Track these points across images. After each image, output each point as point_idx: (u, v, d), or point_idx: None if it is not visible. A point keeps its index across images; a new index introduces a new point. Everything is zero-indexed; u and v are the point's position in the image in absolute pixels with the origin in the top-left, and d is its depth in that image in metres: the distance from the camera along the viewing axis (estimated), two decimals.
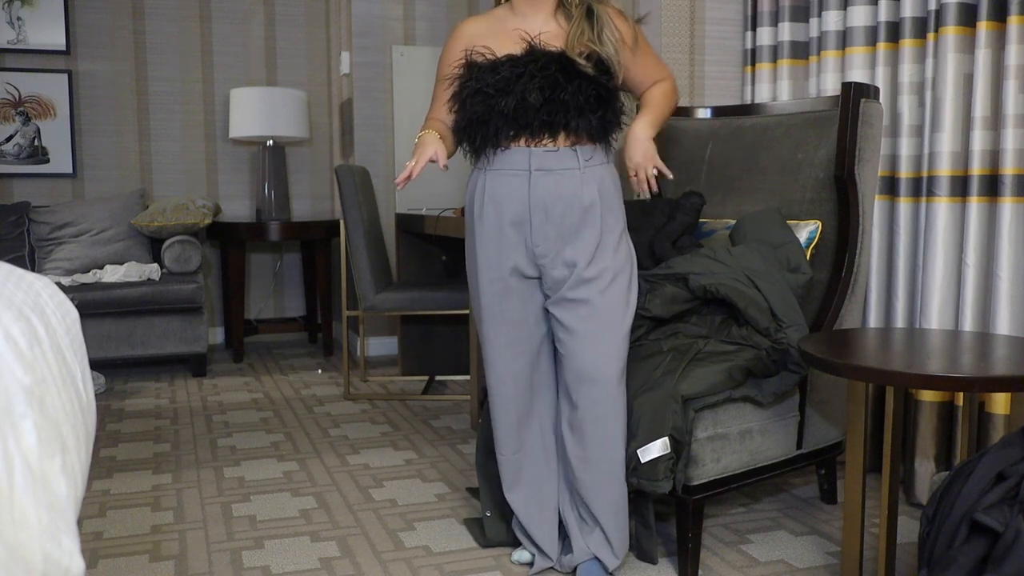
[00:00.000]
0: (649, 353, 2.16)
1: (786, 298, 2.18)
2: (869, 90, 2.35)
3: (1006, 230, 2.32)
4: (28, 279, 1.01)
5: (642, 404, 1.99)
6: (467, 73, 2.01)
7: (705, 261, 2.26)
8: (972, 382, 1.58)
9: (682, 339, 2.23)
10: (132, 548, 2.28)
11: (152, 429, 3.42)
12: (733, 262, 2.24)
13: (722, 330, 2.25)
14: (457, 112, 2.04)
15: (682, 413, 1.97)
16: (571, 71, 1.94)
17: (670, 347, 2.18)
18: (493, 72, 1.96)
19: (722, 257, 2.26)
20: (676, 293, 2.24)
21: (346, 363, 3.96)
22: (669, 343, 2.21)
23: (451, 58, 2.07)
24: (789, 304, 2.17)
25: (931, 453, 2.53)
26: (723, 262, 2.24)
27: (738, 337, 2.19)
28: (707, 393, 2.01)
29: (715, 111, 2.78)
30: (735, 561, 2.18)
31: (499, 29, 2.05)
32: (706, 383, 2.01)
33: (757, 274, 2.20)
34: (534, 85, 1.92)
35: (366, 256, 3.69)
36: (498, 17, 2.08)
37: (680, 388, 1.98)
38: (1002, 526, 1.34)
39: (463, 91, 2.01)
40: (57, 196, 4.88)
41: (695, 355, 2.13)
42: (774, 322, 2.14)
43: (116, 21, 4.92)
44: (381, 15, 4.70)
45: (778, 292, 2.18)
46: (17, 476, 0.79)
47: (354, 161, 4.73)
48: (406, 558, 2.21)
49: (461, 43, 2.07)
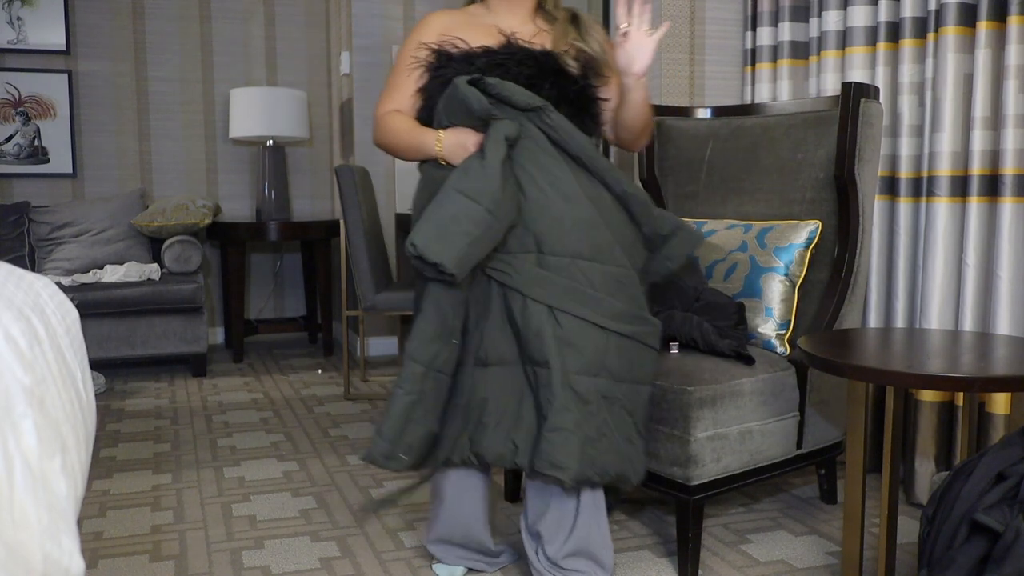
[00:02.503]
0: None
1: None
2: (869, 90, 2.35)
3: (1006, 230, 2.32)
4: (28, 279, 1.01)
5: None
6: (437, 62, 1.91)
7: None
8: (972, 382, 1.58)
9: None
10: (132, 548, 2.28)
11: (152, 429, 3.42)
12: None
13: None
14: (423, 103, 1.94)
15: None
16: (549, 70, 1.88)
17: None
18: (467, 63, 1.87)
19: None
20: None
21: (346, 363, 3.96)
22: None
23: (416, 47, 1.96)
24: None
25: (931, 453, 2.53)
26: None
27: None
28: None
29: (715, 111, 2.78)
30: (735, 561, 2.18)
31: (471, 23, 1.98)
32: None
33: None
34: (510, 80, 1.83)
35: (366, 256, 3.69)
36: (471, 13, 2.02)
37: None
38: (1002, 526, 1.34)
39: (433, 81, 1.91)
40: (57, 196, 4.88)
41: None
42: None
43: (116, 21, 4.92)
44: (381, 15, 4.70)
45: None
46: (17, 476, 0.79)
47: (354, 161, 4.73)
48: (406, 558, 2.21)
49: (430, 33, 1.96)
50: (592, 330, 1.78)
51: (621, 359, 1.82)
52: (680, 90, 3.22)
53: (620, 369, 1.82)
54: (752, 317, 2.33)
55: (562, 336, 1.76)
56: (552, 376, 1.74)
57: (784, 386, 2.22)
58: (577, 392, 1.75)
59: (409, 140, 1.93)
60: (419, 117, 1.97)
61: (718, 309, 2.30)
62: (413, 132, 1.92)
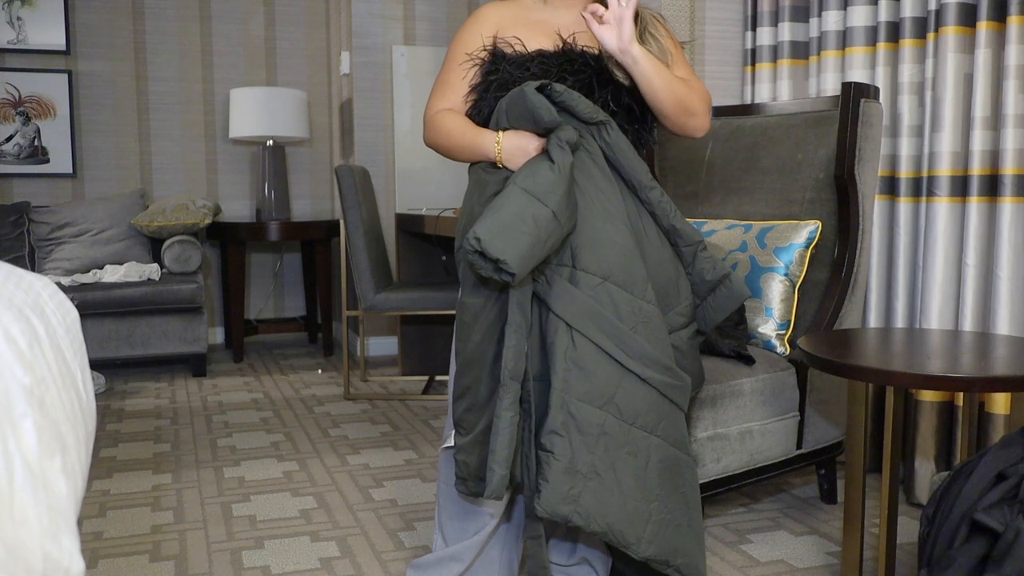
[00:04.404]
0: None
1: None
2: (869, 90, 2.35)
3: (1006, 230, 2.32)
4: (28, 279, 1.01)
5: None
6: (492, 63, 1.82)
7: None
8: (972, 382, 1.58)
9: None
10: (132, 548, 2.28)
11: (152, 429, 3.42)
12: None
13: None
14: (475, 103, 1.84)
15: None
16: (607, 77, 1.79)
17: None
18: (521, 67, 1.78)
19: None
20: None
21: (346, 363, 3.96)
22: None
23: (471, 43, 1.86)
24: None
25: (931, 453, 2.53)
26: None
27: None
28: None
29: (715, 111, 2.78)
30: (735, 561, 2.18)
31: (527, 19, 1.86)
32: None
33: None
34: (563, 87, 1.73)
35: (366, 256, 3.69)
36: (525, 6, 1.89)
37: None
38: (1002, 526, 1.34)
39: (486, 82, 1.82)
40: (57, 196, 4.88)
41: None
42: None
43: (116, 21, 4.92)
44: (381, 15, 4.70)
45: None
46: (17, 476, 0.79)
47: (354, 161, 4.73)
48: (406, 558, 2.21)
49: (485, 27, 1.86)
50: (607, 361, 1.62)
51: (634, 402, 1.63)
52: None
53: (631, 412, 1.62)
54: (752, 317, 2.33)
55: (573, 357, 1.61)
56: (552, 395, 1.60)
57: (784, 386, 2.22)
58: (575, 418, 1.59)
59: (464, 140, 1.81)
60: (468, 115, 1.87)
61: None
62: (469, 132, 1.81)
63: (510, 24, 1.85)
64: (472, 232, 1.54)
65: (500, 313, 1.68)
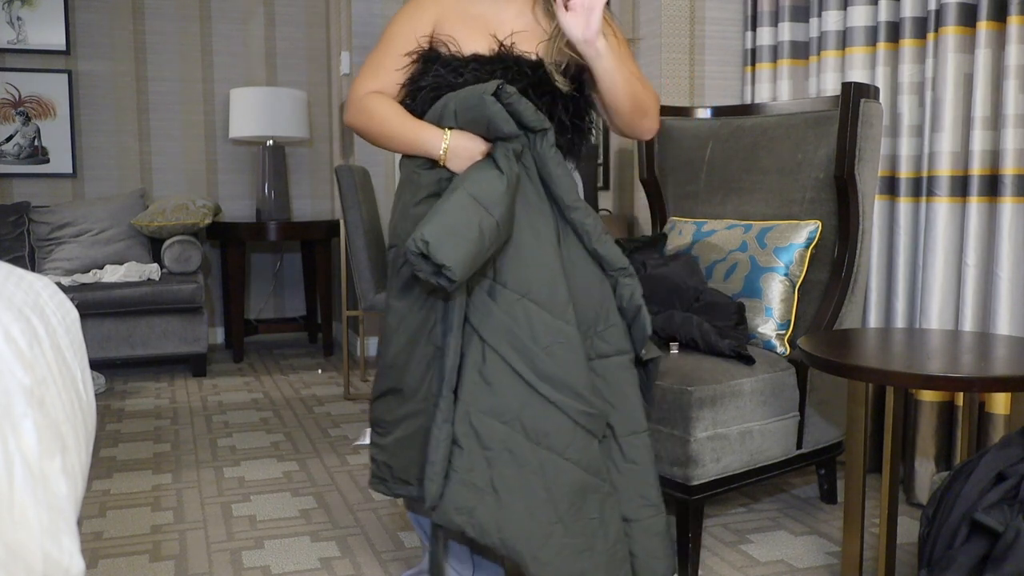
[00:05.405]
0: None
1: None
2: (869, 90, 2.35)
3: (1006, 230, 2.32)
4: (28, 279, 1.01)
5: None
6: (424, 64, 1.77)
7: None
8: (972, 382, 1.58)
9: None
10: (132, 548, 2.28)
11: (152, 429, 3.42)
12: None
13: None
14: (407, 99, 1.78)
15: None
16: (545, 85, 1.72)
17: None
18: (455, 73, 1.72)
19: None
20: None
21: (346, 363, 3.96)
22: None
23: (413, 27, 1.79)
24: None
25: (931, 453, 2.53)
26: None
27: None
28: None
29: (715, 111, 2.78)
30: (735, 561, 2.18)
31: (467, 13, 1.79)
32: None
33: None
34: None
35: (366, 256, 3.69)
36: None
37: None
38: (1002, 526, 1.34)
39: (418, 82, 1.76)
40: (57, 196, 4.88)
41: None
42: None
43: (116, 21, 4.92)
44: (381, 15, 4.70)
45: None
46: (17, 476, 0.79)
47: (354, 161, 4.73)
48: (406, 558, 2.21)
49: (428, 15, 1.79)
50: (515, 379, 1.60)
51: (542, 422, 1.60)
52: (680, 90, 3.23)
53: (538, 432, 1.60)
54: (752, 317, 2.33)
55: (482, 370, 1.60)
56: (457, 405, 1.59)
57: (784, 386, 2.22)
58: (477, 431, 1.58)
59: (403, 131, 1.74)
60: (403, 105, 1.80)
61: (718, 309, 2.30)
62: (409, 124, 1.74)
63: (449, 17, 1.78)
64: (420, 234, 1.52)
65: (424, 321, 1.69)
